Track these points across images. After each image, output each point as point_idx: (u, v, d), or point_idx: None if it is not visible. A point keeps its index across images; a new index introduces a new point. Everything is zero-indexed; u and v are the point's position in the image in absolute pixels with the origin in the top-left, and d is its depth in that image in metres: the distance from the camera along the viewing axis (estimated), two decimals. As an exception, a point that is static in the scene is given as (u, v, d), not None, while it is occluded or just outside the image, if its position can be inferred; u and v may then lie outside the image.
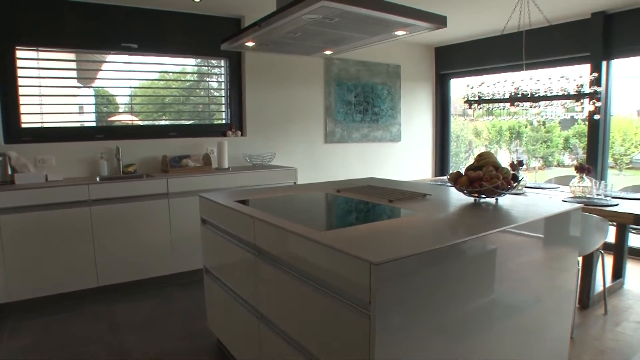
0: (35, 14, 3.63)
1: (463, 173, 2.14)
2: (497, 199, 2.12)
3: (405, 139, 5.95)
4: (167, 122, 4.40)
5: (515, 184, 2.07)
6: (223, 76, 4.64)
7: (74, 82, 4.01)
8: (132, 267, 3.55)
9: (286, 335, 1.72)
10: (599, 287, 3.29)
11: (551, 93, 3.48)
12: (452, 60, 5.99)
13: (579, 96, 3.39)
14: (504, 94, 3.70)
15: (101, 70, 4.20)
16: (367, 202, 2.21)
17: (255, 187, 3.96)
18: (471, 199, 2.16)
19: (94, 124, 4.08)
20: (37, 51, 3.76)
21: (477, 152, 2.25)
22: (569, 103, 3.49)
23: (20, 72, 3.64)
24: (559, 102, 3.51)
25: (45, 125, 3.82)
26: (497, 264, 1.60)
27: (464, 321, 1.49)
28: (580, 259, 3.12)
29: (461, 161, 8.41)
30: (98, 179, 3.64)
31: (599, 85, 3.48)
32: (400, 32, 2.34)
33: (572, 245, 2.01)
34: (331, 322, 1.41)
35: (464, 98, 4.06)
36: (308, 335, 1.56)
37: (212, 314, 2.63)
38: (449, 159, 6.31)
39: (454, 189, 2.28)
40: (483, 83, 3.87)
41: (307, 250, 1.52)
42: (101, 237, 3.41)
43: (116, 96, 4.31)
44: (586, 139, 4.59)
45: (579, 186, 3.47)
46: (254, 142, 4.68)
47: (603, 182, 3.60)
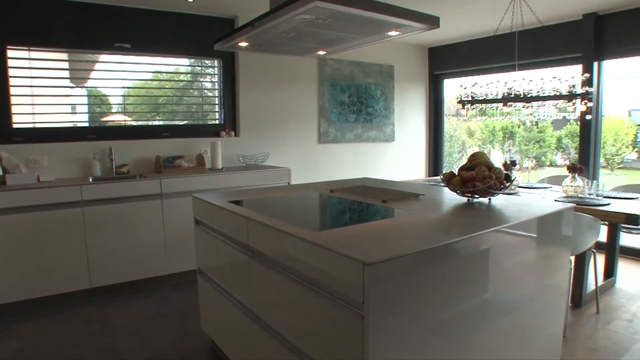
0: (27, 13, 3.60)
1: (456, 173, 2.15)
2: (490, 199, 2.13)
3: (399, 139, 5.96)
4: (160, 123, 4.38)
5: (508, 184, 2.08)
6: (216, 76, 4.63)
7: (67, 82, 3.98)
8: (125, 268, 3.53)
9: (280, 335, 1.71)
10: (591, 286, 3.31)
11: (543, 93, 3.50)
12: (446, 61, 6.01)
13: (571, 96, 3.41)
14: (497, 95, 3.71)
15: (94, 70, 4.18)
16: (361, 202, 2.22)
17: (249, 187, 3.95)
18: (464, 199, 2.17)
19: (86, 124, 4.06)
20: (29, 51, 3.73)
21: (470, 152, 2.26)
22: (561, 103, 3.51)
23: (11, 72, 3.61)
24: (551, 102, 3.54)
25: (37, 126, 3.79)
26: (490, 264, 1.61)
27: (458, 321, 1.50)
28: (573, 258, 3.14)
29: (454, 161, 8.44)
30: (91, 179, 3.62)
31: (590, 85, 3.50)
32: (394, 33, 2.34)
33: (564, 245, 2.03)
34: (325, 322, 1.41)
35: (457, 98, 4.08)
36: (302, 335, 1.56)
37: (205, 315, 2.62)
38: (442, 159, 6.33)
39: (447, 189, 2.29)
40: (476, 83, 3.88)
41: (301, 251, 1.52)
42: (94, 238, 3.39)
43: (109, 96, 4.29)
44: (578, 139, 4.63)
45: (571, 186, 3.49)
46: (248, 143, 4.68)
47: (595, 182, 3.63)
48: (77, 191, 3.31)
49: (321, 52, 2.90)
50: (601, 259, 3.74)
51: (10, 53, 3.60)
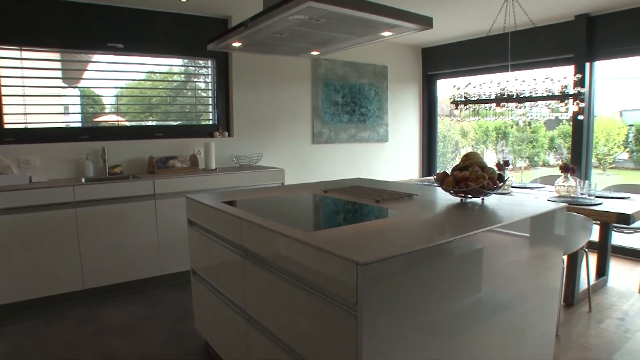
0: (18, 13, 3.57)
1: (449, 173, 2.16)
2: (483, 199, 2.14)
3: (393, 140, 5.97)
4: (153, 123, 4.36)
5: (501, 184, 2.09)
6: (210, 77, 4.62)
7: (59, 82, 3.95)
8: (119, 269, 3.51)
9: (274, 336, 1.71)
10: (583, 285, 3.34)
11: (536, 94, 3.52)
12: (439, 61, 6.03)
13: (563, 97, 3.44)
14: (490, 95, 3.73)
15: (87, 70, 4.15)
16: (355, 202, 2.22)
17: (243, 188, 3.94)
18: (457, 199, 2.18)
19: (79, 125, 4.03)
20: (21, 50, 3.71)
21: (463, 153, 2.26)
22: (553, 104, 3.54)
23: (2, 72, 3.58)
24: (544, 102, 3.56)
25: (29, 126, 3.76)
26: (483, 263, 1.61)
27: (451, 320, 1.50)
28: (565, 257, 3.16)
29: (448, 161, 8.47)
30: (83, 180, 3.60)
31: (582, 86, 3.53)
32: (387, 33, 2.35)
33: (557, 244, 2.04)
34: (319, 322, 1.41)
35: (451, 99, 4.09)
36: (296, 336, 1.56)
37: (199, 316, 2.61)
38: (435, 159, 6.35)
39: (440, 189, 2.30)
40: (469, 84, 3.90)
41: (294, 251, 1.52)
42: (87, 239, 3.37)
43: (102, 96, 4.26)
44: (570, 139, 4.66)
45: (564, 186, 3.52)
46: (241, 143, 4.67)
47: (587, 182, 3.65)
48: (69, 192, 3.29)
49: (315, 53, 2.90)
50: (593, 258, 3.77)
51: (1, 53, 3.57)
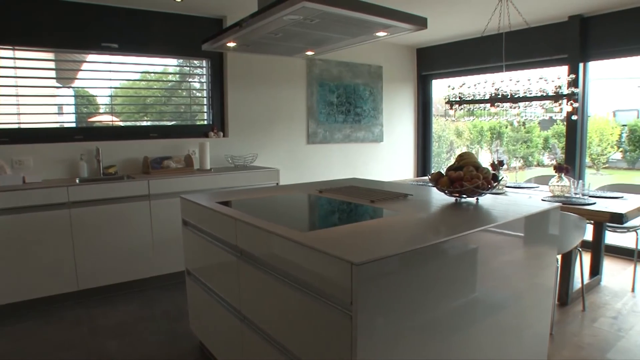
0: (12, 12, 3.55)
1: (444, 173, 2.16)
2: (477, 199, 2.14)
3: (388, 140, 5.98)
4: (148, 123, 4.35)
5: (495, 184, 2.10)
6: (205, 77, 4.61)
7: (53, 82, 3.93)
8: (113, 270, 3.50)
9: (269, 336, 1.71)
10: (577, 284, 3.35)
11: (530, 94, 3.53)
12: (434, 62, 6.04)
13: (557, 97, 3.45)
14: (484, 95, 3.74)
15: (81, 70, 4.13)
16: (349, 202, 2.22)
17: (237, 188, 3.93)
18: (452, 199, 2.19)
19: (73, 125, 4.00)
20: (14, 50, 3.68)
21: (458, 153, 2.27)
22: (547, 104, 3.55)
23: (-5, 72, 3.56)
24: (538, 103, 3.57)
25: (23, 126, 3.74)
26: (478, 263, 1.62)
27: (446, 320, 1.50)
28: (559, 257, 3.17)
29: (443, 161, 8.50)
30: (78, 180, 3.58)
31: (576, 86, 3.55)
32: (382, 33, 2.35)
33: (551, 244, 2.05)
34: (313, 323, 1.41)
35: (446, 99, 4.10)
36: (291, 336, 1.56)
37: (194, 317, 2.60)
38: (430, 159, 6.37)
39: (435, 189, 2.30)
40: (464, 84, 3.91)
41: (289, 251, 1.52)
42: (81, 239, 3.35)
43: (96, 96, 4.24)
44: (564, 139, 4.68)
45: (558, 185, 3.53)
46: (236, 143, 4.66)
47: (581, 182, 3.67)
48: (63, 192, 3.27)
49: (309, 53, 2.90)
50: (587, 257, 3.80)
51: (-5, 52, 3.56)
